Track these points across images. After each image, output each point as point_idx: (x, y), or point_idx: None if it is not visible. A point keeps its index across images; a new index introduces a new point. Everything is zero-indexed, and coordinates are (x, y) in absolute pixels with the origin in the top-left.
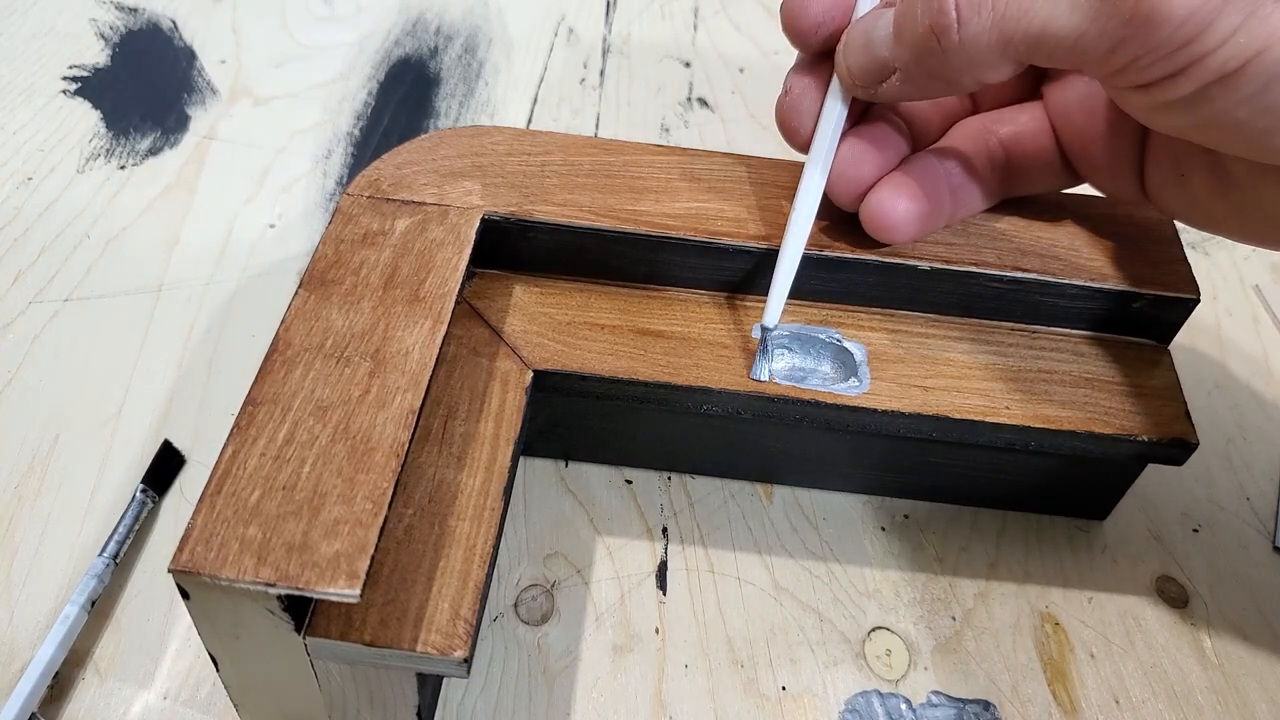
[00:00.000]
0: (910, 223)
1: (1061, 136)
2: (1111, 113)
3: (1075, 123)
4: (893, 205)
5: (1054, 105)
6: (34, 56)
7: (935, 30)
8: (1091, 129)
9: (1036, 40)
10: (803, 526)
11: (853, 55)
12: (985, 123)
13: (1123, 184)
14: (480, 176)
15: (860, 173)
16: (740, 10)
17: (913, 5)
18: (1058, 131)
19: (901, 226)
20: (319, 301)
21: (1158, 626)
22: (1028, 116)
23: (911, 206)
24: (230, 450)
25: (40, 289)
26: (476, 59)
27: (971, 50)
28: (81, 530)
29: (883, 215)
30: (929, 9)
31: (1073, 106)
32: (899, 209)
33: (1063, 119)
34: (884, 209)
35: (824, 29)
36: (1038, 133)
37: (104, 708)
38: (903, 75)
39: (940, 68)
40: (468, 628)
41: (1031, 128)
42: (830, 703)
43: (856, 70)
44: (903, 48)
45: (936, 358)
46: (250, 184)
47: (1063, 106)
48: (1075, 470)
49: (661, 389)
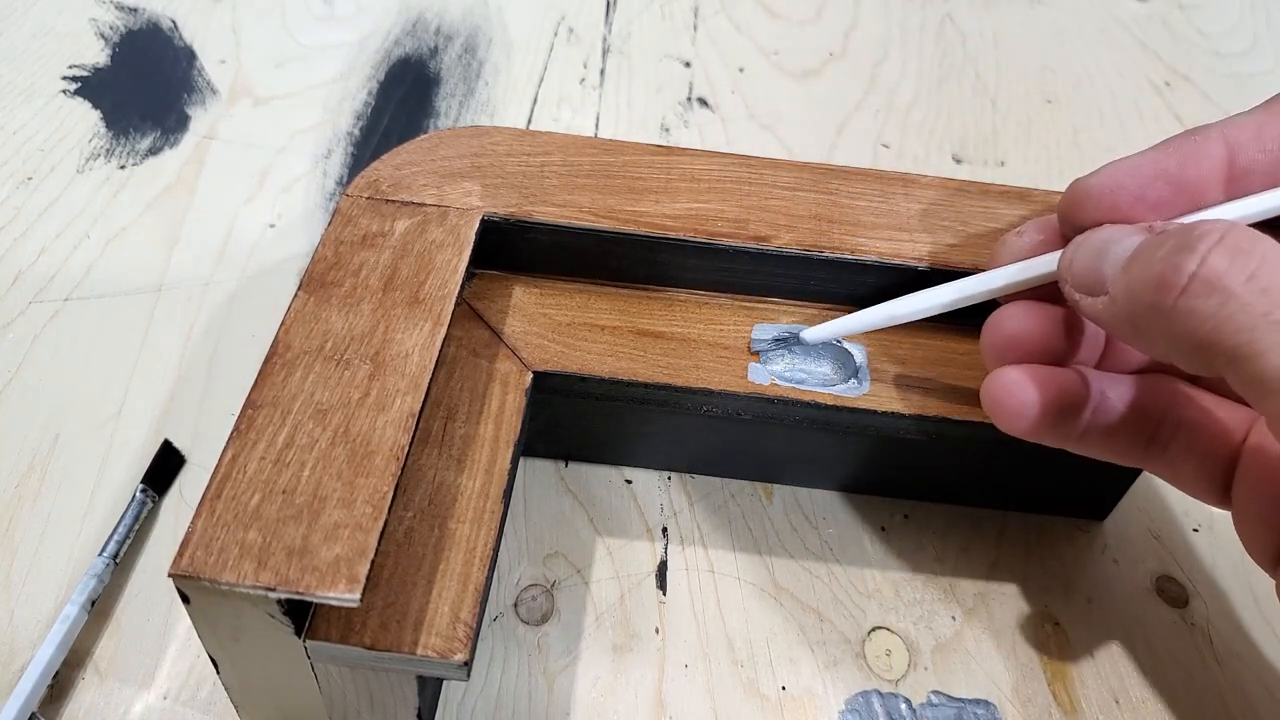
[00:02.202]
0: (1034, 417)
1: (1246, 464)
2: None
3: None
4: (1021, 389)
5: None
6: (34, 56)
7: (1159, 282)
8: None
9: (1231, 361)
10: (803, 526)
11: (1084, 253)
12: (1178, 388)
13: (1215, 502)
14: (480, 177)
15: (1010, 326)
16: (740, 10)
17: (1162, 243)
18: (1245, 455)
19: (1022, 418)
20: (318, 304)
21: (1158, 626)
22: (1226, 414)
23: (1042, 396)
24: (230, 454)
25: (40, 289)
26: (476, 59)
27: (1177, 325)
28: (81, 530)
29: (1005, 396)
30: (1169, 257)
31: None
32: (1024, 395)
33: (1260, 454)
34: (1006, 389)
35: (1113, 200)
36: (1218, 436)
37: (104, 708)
38: (1109, 304)
39: (1142, 319)
40: (468, 631)
41: (1216, 428)
42: (830, 703)
43: (1078, 268)
44: (1125, 279)
45: (936, 358)
46: (250, 184)
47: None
48: (1075, 470)
49: (661, 390)
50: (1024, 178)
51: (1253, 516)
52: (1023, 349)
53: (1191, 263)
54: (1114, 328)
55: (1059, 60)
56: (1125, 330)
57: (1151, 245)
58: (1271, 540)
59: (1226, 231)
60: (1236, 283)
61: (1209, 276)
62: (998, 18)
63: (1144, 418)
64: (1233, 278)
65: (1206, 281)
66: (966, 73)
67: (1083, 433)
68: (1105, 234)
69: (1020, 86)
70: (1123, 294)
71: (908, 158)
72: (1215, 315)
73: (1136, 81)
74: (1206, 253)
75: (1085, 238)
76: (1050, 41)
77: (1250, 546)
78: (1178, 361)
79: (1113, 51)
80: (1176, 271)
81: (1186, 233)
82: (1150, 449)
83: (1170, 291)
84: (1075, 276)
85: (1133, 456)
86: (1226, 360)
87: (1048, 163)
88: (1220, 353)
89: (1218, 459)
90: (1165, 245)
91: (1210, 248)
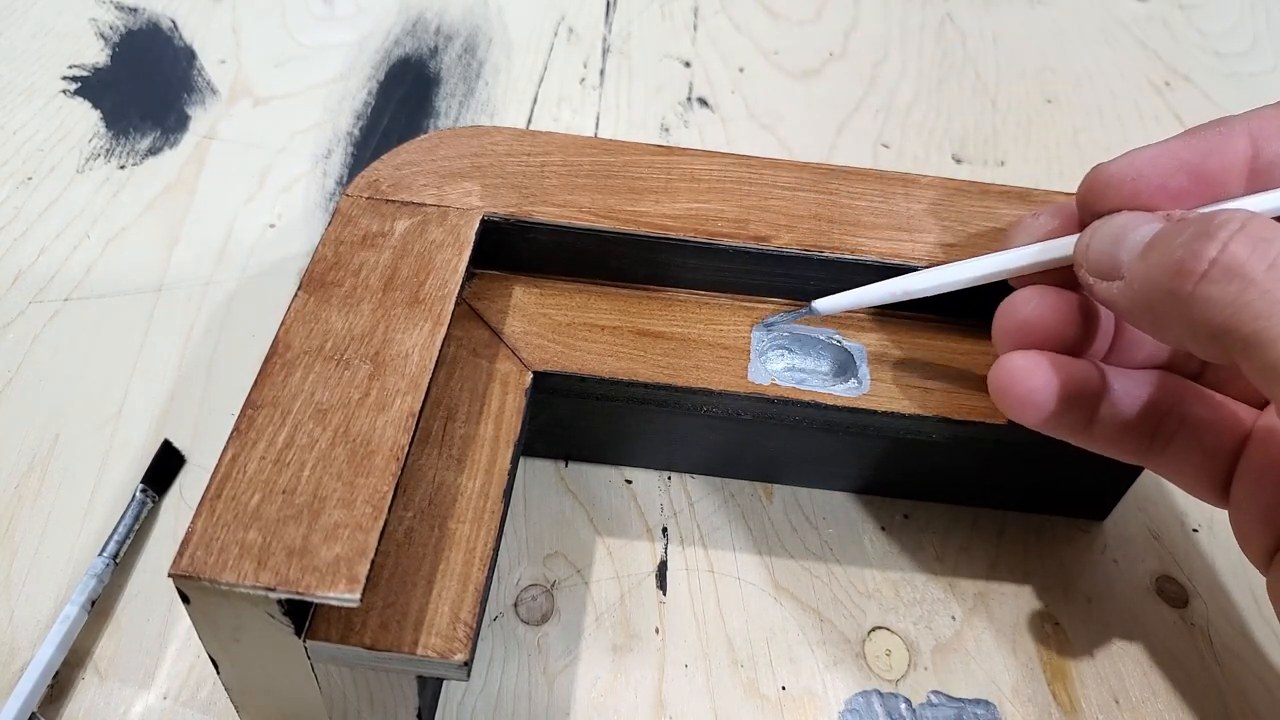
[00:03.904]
0: (1044, 404)
1: (1247, 462)
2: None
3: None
4: (1030, 375)
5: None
6: (34, 56)
7: (1178, 268)
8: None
9: (1248, 347)
10: (803, 526)
11: (1100, 237)
12: (1182, 385)
13: (1214, 500)
14: (480, 177)
15: (1025, 310)
16: (740, 10)
17: (1182, 230)
18: (1247, 453)
19: (1031, 405)
20: (318, 304)
21: (1158, 626)
22: (1229, 412)
23: (1053, 383)
24: (230, 454)
25: (40, 289)
26: (476, 59)
27: (1194, 311)
28: (81, 530)
29: (1013, 383)
30: (1189, 243)
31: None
32: (1033, 381)
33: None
34: (1015, 375)
35: (1134, 188)
36: (1220, 434)
37: (104, 708)
38: (1124, 288)
39: (1160, 306)
40: (468, 631)
41: (1219, 426)
42: (830, 703)
43: (1094, 252)
44: (1143, 264)
45: (936, 358)
46: (250, 184)
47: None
48: (1075, 470)
49: (661, 390)
50: (1024, 178)
51: (1250, 514)
52: (1037, 335)
53: (1212, 249)
54: (1129, 313)
55: (1059, 60)
56: (1140, 316)
57: (1171, 232)
58: (1267, 538)
59: (1247, 220)
60: (1258, 270)
61: (1229, 263)
62: (998, 18)
63: (1149, 414)
64: (1254, 265)
65: (1227, 268)
66: (966, 73)
67: (1088, 426)
68: (1123, 219)
69: (1020, 86)
70: (1140, 279)
71: (908, 158)
72: (1234, 302)
73: (1136, 81)
74: (1228, 240)
75: (1103, 222)
76: (1050, 41)
77: (1245, 544)
78: (1191, 347)
79: (1113, 51)
80: (1196, 258)
81: (1207, 220)
82: (1153, 445)
83: (1189, 277)
84: (1091, 260)
85: (1136, 453)
86: (1242, 347)
87: (1048, 163)
88: (1236, 339)
89: (1219, 457)
90: (1185, 232)
91: (1231, 235)
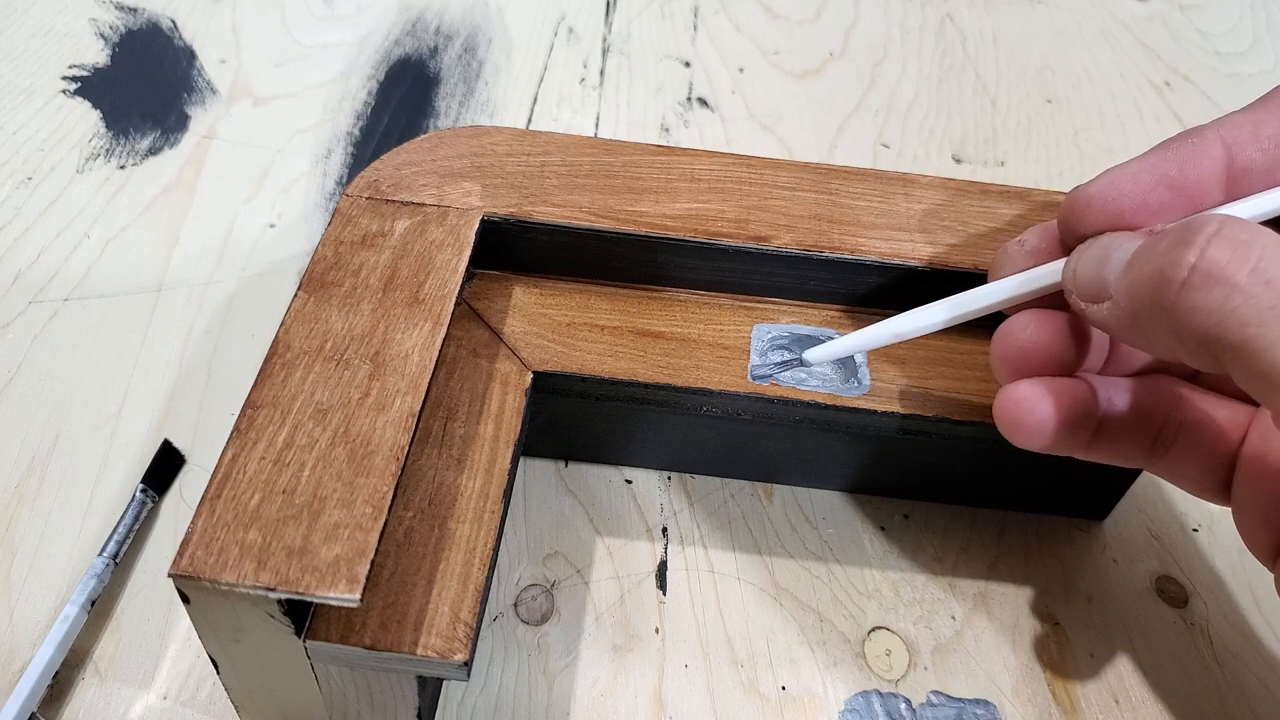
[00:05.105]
0: (1052, 432)
1: (1245, 462)
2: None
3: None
4: (1037, 406)
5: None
6: (34, 56)
7: (1159, 278)
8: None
9: (1237, 355)
10: (803, 526)
11: (1086, 261)
12: (1179, 389)
13: (1217, 500)
14: (480, 177)
15: (1023, 337)
16: (740, 10)
17: (1161, 240)
18: (1245, 454)
19: (1040, 434)
20: (318, 304)
21: (1158, 626)
22: (1226, 413)
23: (1059, 410)
24: (230, 454)
25: (40, 289)
26: (476, 59)
27: (1180, 320)
28: (81, 530)
29: (1021, 414)
30: (1168, 252)
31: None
32: (1040, 412)
33: (1261, 451)
34: (1022, 407)
35: (1115, 207)
36: (1218, 436)
37: (104, 708)
38: (1112, 308)
39: (1146, 319)
40: (468, 631)
41: (1217, 428)
42: (830, 703)
43: (1081, 276)
44: (1126, 279)
45: (936, 358)
46: (250, 184)
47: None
48: (1075, 470)
49: (661, 390)
50: (1024, 178)
51: (1252, 515)
52: (1035, 360)
53: (1191, 255)
54: (1120, 332)
55: (1059, 60)
56: (1130, 333)
57: (1149, 244)
58: (1271, 536)
59: (1224, 223)
60: (1240, 275)
61: (1209, 268)
62: (998, 18)
63: (1148, 421)
64: (1235, 270)
65: (1207, 274)
66: (966, 73)
67: (1091, 440)
68: (1106, 240)
69: (1020, 86)
70: (1124, 295)
71: (908, 158)
72: (1219, 309)
73: (1136, 81)
74: (1205, 245)
75: (1087, 246)
76: (1050, 41)
77: (1250, 542)
78: (1183, 357)
79: (1113, 51)
80: (1176, 265)
81: (1184, 228)
82: (1154, 451)
83: (1170, 287)
84: (1079, 285)
85: (1137, 459)
86: (1231, 355)
87: (1048, 163)
88: (1225, 347)
89: (1220, 457)
90: (1162, 242)
91: (1208, 239)
